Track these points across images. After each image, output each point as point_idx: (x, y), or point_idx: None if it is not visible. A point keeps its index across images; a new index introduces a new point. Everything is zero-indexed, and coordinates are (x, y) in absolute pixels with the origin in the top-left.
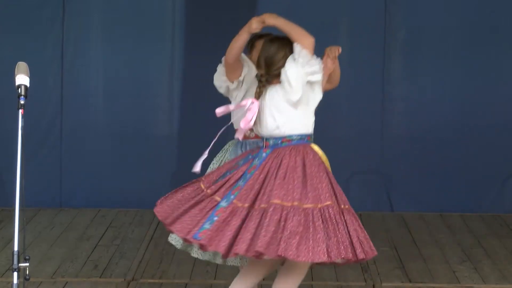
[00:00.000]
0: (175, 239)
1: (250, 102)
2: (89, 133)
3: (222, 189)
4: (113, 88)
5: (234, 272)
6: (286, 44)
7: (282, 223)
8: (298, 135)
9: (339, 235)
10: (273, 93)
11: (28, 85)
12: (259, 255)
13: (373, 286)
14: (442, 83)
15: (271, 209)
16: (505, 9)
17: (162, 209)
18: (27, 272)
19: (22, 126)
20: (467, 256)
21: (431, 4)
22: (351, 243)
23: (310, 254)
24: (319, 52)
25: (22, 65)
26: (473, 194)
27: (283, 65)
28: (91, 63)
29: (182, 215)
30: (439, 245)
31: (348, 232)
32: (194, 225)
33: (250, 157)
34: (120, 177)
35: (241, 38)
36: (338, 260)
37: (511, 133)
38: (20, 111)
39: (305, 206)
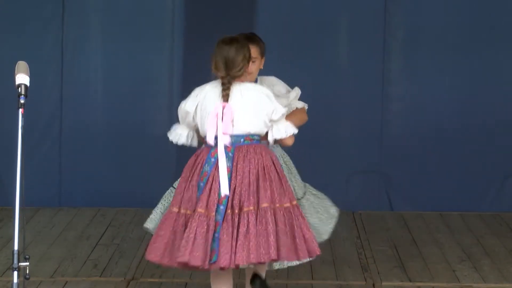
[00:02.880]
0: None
1: (221, 108)
2: (89, 132)
3: (210, 203)
4: (112, 88)
5: (234, 271)
6: (243, 45)
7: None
8: (258, 136)
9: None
10: (242, 93)
11: (28, 84)
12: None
13: (373, 285)
14: (442, 82)
15: (269, 214)
16: (504, 8)
17: (155, 254)
18: (27, 271)
19: (22, 126)
20: (467, 255)
21: (431, 4)
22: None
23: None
24: (319, 52)
25: (22, 64)
26: (472, 193)
27: (243, 67)
28: (90, 62)
29: (182, 246)
30: (438, 244)
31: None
32: (204, 250)
33: (212, 160)
34: (120, 177)
35: None
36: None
37: (510, 133)
38: (20, 110)
39: (285, 205)
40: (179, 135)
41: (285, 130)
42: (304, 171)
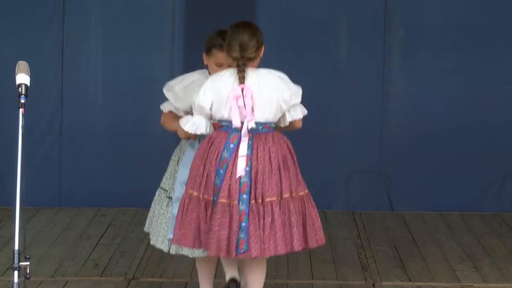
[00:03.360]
0: (160, 242)
1: (240, 89)
2: (89, 132)
3: (232, 192)
4: (112, 87)
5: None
6: (257, 30)
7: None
8: (274, 124)
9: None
10: (256, 77)
11: (28, 84)
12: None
13: (373, 285)
14: (442, 82)
15: (291, 205)
16: (504, 8)
17: (188, 240)
18: (28, 271)
19: (22, 125)
20: (467, 255)
21: (431, 3)
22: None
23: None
24: (319, 51)
25: (22, 64)
26: (472, 193)
27: (256, 51)
28: (90, 62)
29: (208, 236)
30: (438, 244)
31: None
32: (228, 240)
33: (231, 146)
34: (120, 176)
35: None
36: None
37: (510, 133)
38: (21, 110)
39: (300, 193)
40: (197, 125)
41: (302, 111)
42: (304, 171)
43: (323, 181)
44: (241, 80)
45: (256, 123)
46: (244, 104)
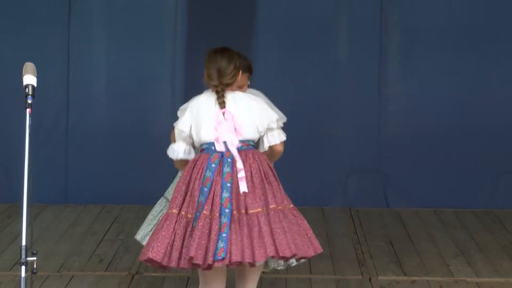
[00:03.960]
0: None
1: (221, 114)
2: (94, 131)
3: (214, 207)
4: (116, 88)
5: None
6: (234, 55)
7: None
8: (253, 141)
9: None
10: (235, 100)
11: (35, 85)
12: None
13: (370, 279)
14: (438, 83)
15: (280, 214)
16: (500, 8)
17: (158, 253)
18: (35, 266)
19: (29, 125)
20: (461, 250)
21: (426, 4)
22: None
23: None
24: (317, 52)
25: (29, 66)
26: (466, 191)
27: (233, 77)
28: (95, 63)
29: (189, 243)
30: (433, 240)
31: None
32: (205, 250)
33: (213, 165)
34: (124, 174)
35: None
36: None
37: (504, 132)
38: (28, 110)
39: (290, 206)
40: (176, 151)
41: (279, 136)
42: (304, 169)
43: (322, 179)
44: (222, 105)
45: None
46: (227, 127)
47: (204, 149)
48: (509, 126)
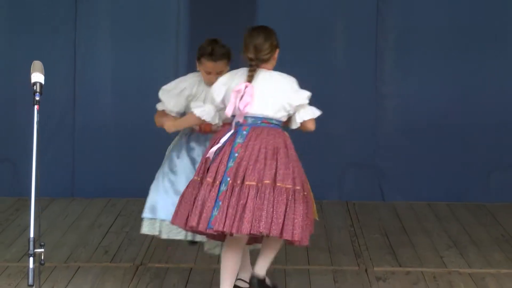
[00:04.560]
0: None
1: (244, 86)
2: (100, 128)
3: (218, 174)
4: (121, 87)
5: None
6: (271, 33)
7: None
8: (277, 120)
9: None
10: (266, 78)
11: (43, 82)
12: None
13: (366, 270)
14: (432, 81)
15: (267, 190)
16: (492, 11)
17: (178, 219)
18: (42, 257)
19: (37, 121)
20: (453, 242)
21: (421, 7)
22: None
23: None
24: (316, 53)
25: (37, 64)
26: (459, 185)
27: (270, 52)
28: (100, 62)
29: (189, 211)
30: (427, 232)
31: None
32: (202, 214)
33: (228, 134)
34: (129, 169)
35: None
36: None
37: (496, 130)
38: (36, 107)
39: (287, 186)
40: (206, 112)
41: (312, 113)
42: (303, 164)
43: (320, 174)
44: (249, 78)
45: (255, 117)
46: (241, 99)
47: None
48: (501, 125)
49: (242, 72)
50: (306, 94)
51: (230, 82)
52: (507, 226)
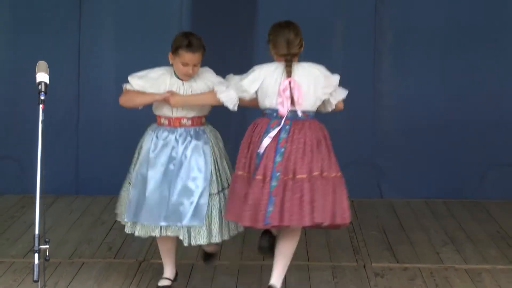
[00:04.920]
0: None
1: (288, 82)
2: (103, 126)
3: (267, 170)
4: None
5: (236, 253)
6: (298, 28)
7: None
8: (313, 112)
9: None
10: (300, 71)
11: (47, 82)
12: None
13: (364, 266)
14: (428, 80)
15: (318, 181)
16: (491, 11)
17: (232, 214)
18: (47, 253)
19: (42, 120)
20: (450, 239)
21: (419, 7)
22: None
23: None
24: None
25: (42, 64)
26: (456, 182)
27: (300, 48)
28: (104, 61)
29: (244, 208)
30: (424, 229)
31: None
32: (258, 212)
33: (271, 130)
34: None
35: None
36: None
37: (492, 128)
38: (41, 106)
39: (333, 175)
40: (229, 97)
41: (342, 92)
42: None
43: None
44: (289, 74)
45: (294, 111)
46: (291, 95)
47: (266, 114)
48: (497, 124)
49: (274, 67)
50: (337, 78)
51: (262, 76)
52: (503, 222)
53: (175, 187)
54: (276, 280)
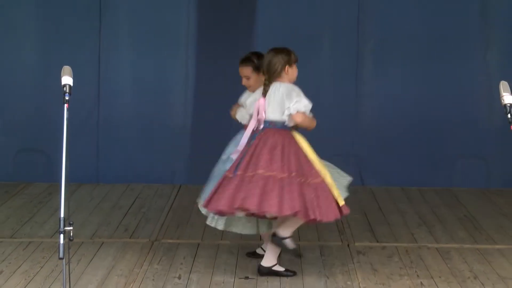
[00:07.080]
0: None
1: (261, 100)
2: (121, 123)
3: (241, 167)
4: (139, 87)
5: (236, 234)
6: (278, 53)
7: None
8: (281, 122)
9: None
10: (274, 90)
11: (71, 84)
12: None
13: (348, 245)
14: (405, 82)
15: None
16: (454, 24)
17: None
18: (71, 234)
19: (67, 118)
20: (423, 221)
21: (396, 18)
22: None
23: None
24: (306, 58)
25: (66, 69)
26: (428, 172)
27: (279, 69)
28: (121, 66)
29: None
30: (400, 212)
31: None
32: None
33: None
34: (145, 159)
35: None
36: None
37: (459, 123)
38: (65, 105)
39: (281, 176)
40: (242, 116)
41: (296, 108)
42: None
43: None
44: (264, 94)
45: (265, 121)
46: (258, 112)
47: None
48: (463, 121)
49: (260, 88)
50: (295, 99)
51: (254, 97)
52: (470, 207)
53: None
54: (282, 230)
